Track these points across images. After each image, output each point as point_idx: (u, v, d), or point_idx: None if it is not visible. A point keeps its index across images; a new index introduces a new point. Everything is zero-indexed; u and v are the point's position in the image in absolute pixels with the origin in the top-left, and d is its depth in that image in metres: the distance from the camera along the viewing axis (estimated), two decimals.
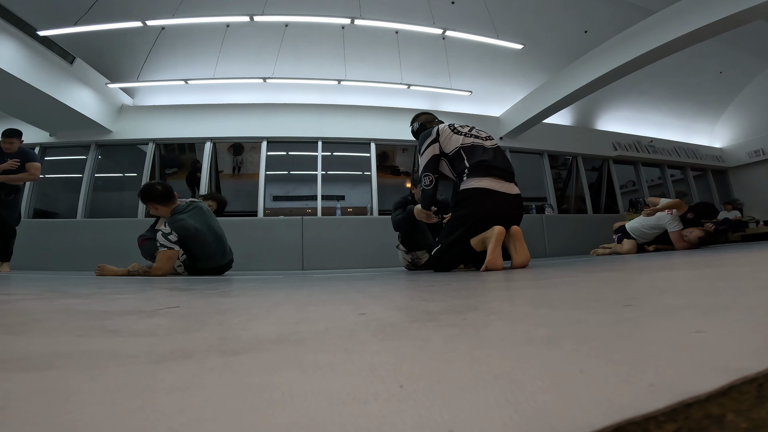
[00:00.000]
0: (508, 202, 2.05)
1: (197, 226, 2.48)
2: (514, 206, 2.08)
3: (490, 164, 2.08)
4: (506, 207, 2.04)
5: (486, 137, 2.27)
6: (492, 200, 2.01)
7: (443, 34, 5.08)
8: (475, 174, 2.07)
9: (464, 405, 0.19)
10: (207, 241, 2.55)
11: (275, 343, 0.35)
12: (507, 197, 2.04)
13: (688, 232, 3.66)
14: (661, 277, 0.95)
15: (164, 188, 2.52)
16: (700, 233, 3.62)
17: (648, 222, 3.89)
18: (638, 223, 3.99)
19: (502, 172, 2.08)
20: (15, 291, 1.22)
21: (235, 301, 0.83)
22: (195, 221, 2.49)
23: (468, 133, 2.24)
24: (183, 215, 2.46)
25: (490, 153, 2.15)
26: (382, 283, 1.34)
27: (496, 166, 2.09)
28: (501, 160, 2.15)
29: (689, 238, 3.62)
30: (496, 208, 2.01)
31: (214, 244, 2.61)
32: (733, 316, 0.38)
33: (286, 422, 0.17)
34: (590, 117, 8.02)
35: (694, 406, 0.17)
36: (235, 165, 6.81)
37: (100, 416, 0.19)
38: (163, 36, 5.54)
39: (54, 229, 5.42)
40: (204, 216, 2.60)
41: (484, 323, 0.42)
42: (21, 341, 0.40)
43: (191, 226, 2.44)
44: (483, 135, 2.29)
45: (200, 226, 2.51)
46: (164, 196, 2.50)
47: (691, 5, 4.27)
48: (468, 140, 2.19)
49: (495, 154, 2.15)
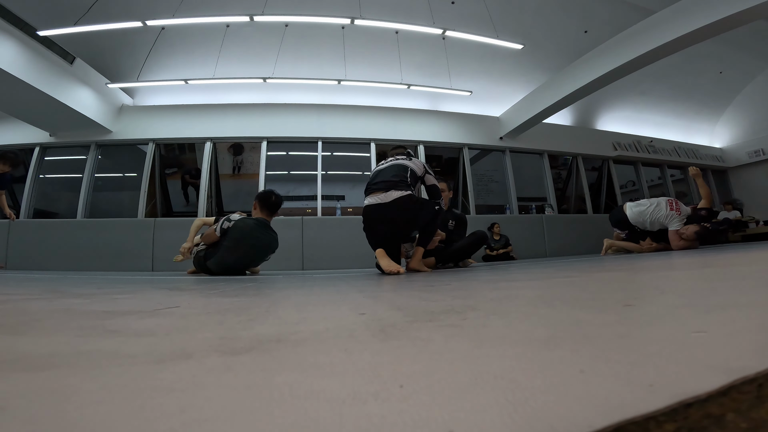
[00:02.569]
0: (388, 214, 2.27)
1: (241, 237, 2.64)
2: (397, 213, 2.27)
3: (369, 185, 2.39)
4: (386, 222, 2.30)
5: (392, 161, 2.50)
6: (373, 219, 2.32)
7: (443, 34, 5.08)
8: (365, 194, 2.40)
9: (464, 405, 0.19)
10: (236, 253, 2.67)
11: (275, 343, 0.35)
12: (384, 209, 2.26)
13: (685, 229, 3.53)
14: (661, 277, 0.95)
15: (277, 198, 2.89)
16: (696, 227, 3.49)
17: (657, 215, 3.68)
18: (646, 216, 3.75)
19: (381, 185, 2.31)
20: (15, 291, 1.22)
21: (235, 301, 0.83)
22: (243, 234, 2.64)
23: (378, 164, 2.56)
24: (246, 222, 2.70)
25: (378, 172, 2.44)
26: (382, 283, 1.34)
27: (376, 182, 2.36)
28: (386, 173, 2.38)
29: (686, 234, 3.50)
30: (376, 223, 2.32)
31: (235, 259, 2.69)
32: (733, 316, 0.38)
33: (286, 422, 0.17)
34: (590, 117, 8.02)
35: (694, 406, 0.17)
36: (235, 165, 6.81)
37: (100, 416, 0.19)
38: (163, 36, 5.54)
39: (54, 229, 5.42)
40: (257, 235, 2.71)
41: (484, 323, 0.42)
42: (21, 341, 0.40)
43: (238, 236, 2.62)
44: (390, 160, 2.53)
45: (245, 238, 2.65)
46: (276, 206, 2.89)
47: (691, 5, 4.27)
48: (375, 170, 2.51)
49: (383, 173, 2.40)
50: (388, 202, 2.25)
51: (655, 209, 3.71)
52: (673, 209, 3.65)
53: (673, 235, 3.58)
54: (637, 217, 3.82)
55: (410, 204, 2.28)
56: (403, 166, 2.42)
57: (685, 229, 3.54)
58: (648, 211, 3.75)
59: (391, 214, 2.26)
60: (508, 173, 7.09)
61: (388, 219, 2.28)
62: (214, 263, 2.65)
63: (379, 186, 2.32)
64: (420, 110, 6.96)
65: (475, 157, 7.16)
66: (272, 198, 2.84)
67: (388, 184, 2.29)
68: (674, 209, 3.65)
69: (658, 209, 3.70)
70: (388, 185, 2.29)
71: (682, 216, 3.63)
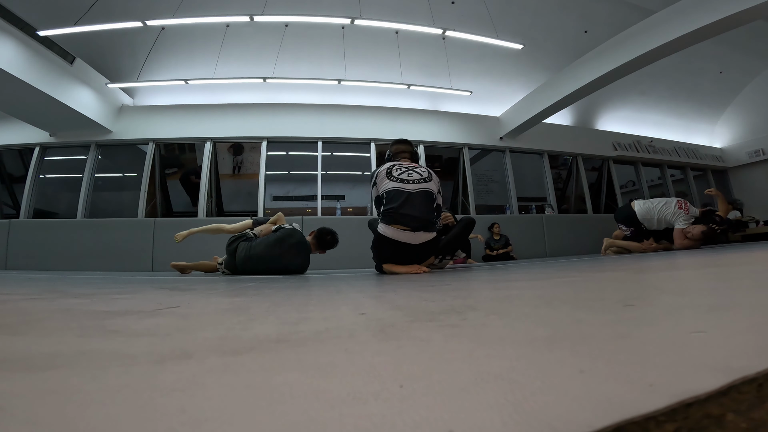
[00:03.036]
0: (410, 251, 2.18)
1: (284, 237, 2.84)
2: (419, 253, 2.21)
3: (396, 211, 2.16)
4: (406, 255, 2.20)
5: (418, 179, 2.26)
6: (392, 248, 2.18)
7: (443, 34, 5.08)
8: (384, 220, 2.20)
9: (464, 405, 0.19)
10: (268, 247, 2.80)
11: (275, 343, 0.35)
12: (409, 247, 2.16)
13: (692, 228, 3.54)
14: (661, 277, 0.95)
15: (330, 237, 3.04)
16: (703, 227, 3.51)
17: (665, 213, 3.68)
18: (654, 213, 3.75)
19: (410, 220, 2.14)
20: (15, 291, 1.22)
21: (235, 301, 0.83)
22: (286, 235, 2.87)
23: (398, 177, 2.26)
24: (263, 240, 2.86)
25: (406, 198, 2.19)
26: (382, 283, 1.34)
27: (404, 213, 2.15)
28: (416, 206, 2.18)
29: (693, 233, 3.50)
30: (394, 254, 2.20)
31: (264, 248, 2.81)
32: (733, 316, 0.38)
33: (286, 422, 0.17)
34: (590, 117, 8.02)
35: (694, 406, 0.17)
36: (235, 165, 6.81)
37: (101, 416, 0.19)
38: (163, 36, 5.54)
39: (54, 229, 5.42)
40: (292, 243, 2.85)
41: (484, 323, 0.42)
42: (21, 341, 0.40)
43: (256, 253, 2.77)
44: (415, 177, 2.26)
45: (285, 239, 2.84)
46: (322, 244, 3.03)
47: (691, 5, 4.27)
48: (394, 185, 2.23)
49: (411, 200, 2.19)
50: (415, 245, 2.16)
51: (664, 206, 3.73)
52: (681, 208, 3.67)
53: (678, 233, 3.58)
54: (645, 213, 3.81)
55: (434, 246, 2.27)
56: (430, 194, 2.23)
57: (691, 228, 3.55)
58: (656, 207, 3.76)
59: (413, 257, 2.21)
60: (508, 173, 7.09)
61: (410, 259, 2.21)
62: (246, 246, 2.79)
63: (407, 221, 2.14)
64: (420, 110, 6.96)
65: (475, 157, 7.16)
66: (327, 237, 3.01)
67: (418, 224, 2.15)
68: (683, 209, 3.67)
69: (666, 207, 3.72)
70: (417, 225, 2.15)
71: (689, 216, 3.64)
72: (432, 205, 2.23)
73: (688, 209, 3.68)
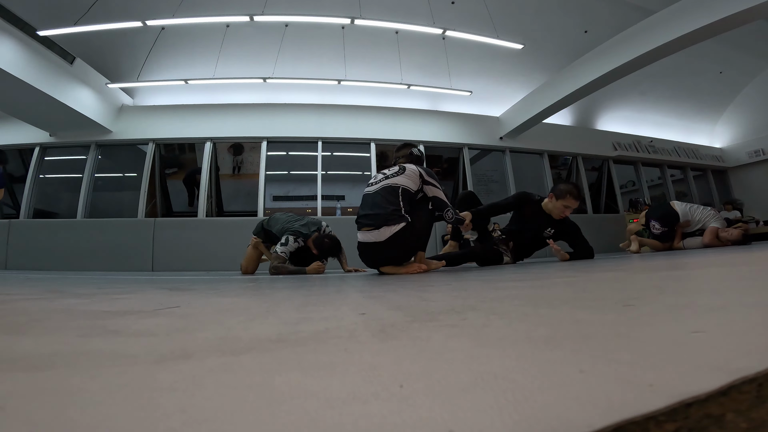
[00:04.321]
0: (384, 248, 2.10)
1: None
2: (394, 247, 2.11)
3: (358, 217, 2.22)
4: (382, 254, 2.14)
5: (380, 180, 2.25)
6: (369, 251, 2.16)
7: (443, 34, 5.08)
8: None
9: (464, 405, 0.19)
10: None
11: (275, 343, 0.35)
12: (379, 245, 2.10)
13: (728, 231, 3.80)
14: (661, 277, 0.95)
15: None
16: (741, 231, 3.81)
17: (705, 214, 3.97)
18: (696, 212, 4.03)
19: (369, 219, 2.13)
20: (15, 291, 1.22)
21: (235, 301, 0.83)
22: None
23: (369, 183, 2.31)
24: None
25: (363, 201, 2.25)
26: (382, 283, 1.34)
27: (363, 215, 2.19)
28: (374, 204, 2.15)
29: (731, 235, 3.74)
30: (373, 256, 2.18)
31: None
32: (733, 316, 0.38)
33: (286, 422, 0.17)
34: (590, 117, 8.01)
35: (694, 406, 0.17)
36: (235, 165, 6.81)
37: (101, 416, 0.19)
38: (163, 36, 5.53)
39: (54, 229, 5.42)
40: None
41: (484, 323, 0.42)
42: (21, 341, 0.40)
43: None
44: (378, 179, 2.26)
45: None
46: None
47: (691, 5, 4.27)
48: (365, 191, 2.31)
49: (367, 201, 2.22)
50: (381, 241, 2.06)
51: (704, 209, 4.10)
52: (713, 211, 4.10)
53: (712, 230, 3.85)
54: (686, 211, 4.08)
55: (409, 236, 2.08)
56: (392, 188, 2.14)
57: (727, 231, 3.83)
58: (697, 209, 4.09)
59: (388, 253, 2.10)
60: (508, 173, 7.09)
61: (386, 257, 2.13)
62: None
63: (369, 221, 2.10)
64: (420, 110, 6.96)
65: (475, 157, 7.15)
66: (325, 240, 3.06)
67: (379, 220, 2.07)
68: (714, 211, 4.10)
69: (705, 210, 4.09)
70: (378, 221, 2.07)
71: (720, 217, 4.05)
72: (394, 198, 2.12)
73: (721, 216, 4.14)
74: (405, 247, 2.14)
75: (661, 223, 4.04)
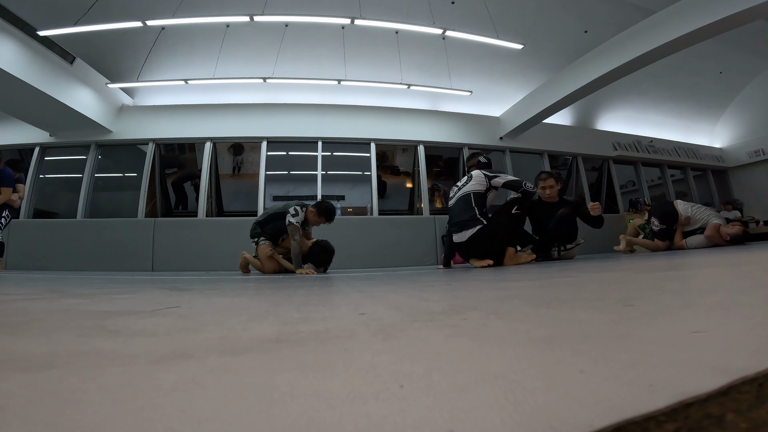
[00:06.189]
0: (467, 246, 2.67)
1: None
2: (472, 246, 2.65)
3: (448, 225, 2.88)
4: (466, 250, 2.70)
5: (456, 193, 2.85)
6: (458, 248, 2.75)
7: (443, 34, 5.07)
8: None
9: (464, 405, 0.19)
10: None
11: (275, 343, 0.35)
12: (462, 244, 2.68)
13: (728, 227, 3.87)
14: (661, 277, 0.95)
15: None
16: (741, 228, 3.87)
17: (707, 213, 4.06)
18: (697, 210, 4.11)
19: (454, 226, 2.73)
20: (15, 291, 1.22)
21: (235, 301, 0.83)
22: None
23: (449, 197, 2.93)
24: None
25: (453, 210, 2.81)
26: (382, 283, 1.34)
27: (450, 224, 2.81)
28: (454, 215, 2.77)
29: (732, 231, 3.80)
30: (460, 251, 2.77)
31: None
32: (733, 316, 0.38)
33: (286, 422, 0.17)
34: (590, 117, 8.01)
35: (694, 406, 0.17)
36: (235, 165, 6.80)
37: (100, 416, 0.19)
38: (163, 36, 5.53)
39: (54, 229, 5.42)
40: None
41: (484, 323, 0.42)
42: (21, 341, 0.40)
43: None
44: (453, 192, 2.89)
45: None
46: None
47: (691, 5, 4.27)
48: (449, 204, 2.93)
49: (451, 212, 2.83)
50: (464, 241, 2.64)
51: (706, 209, 4.18)
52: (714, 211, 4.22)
53: (714, 227, 3.95)
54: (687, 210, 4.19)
55: (486, 232, 2.59)
56: (465, 196, 2.72)
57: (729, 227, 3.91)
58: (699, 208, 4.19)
59: (476, 248, 2.64)
60: (508, 173, 7.08)
61: (475, 251, 2.65)
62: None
63: (455, 228, 2.72)
64: (420, 110, 6.96)
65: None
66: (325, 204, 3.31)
67: (459, 226, 2.68)
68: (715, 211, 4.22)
69: (706, 210, 4.18)
70: (458, 227, 2.69)
71: (721, 216, 4.21)
72: (467, 205, 2.68)
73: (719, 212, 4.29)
74: (483, 244, 2.62)
75: (661, 220, 4.13)
